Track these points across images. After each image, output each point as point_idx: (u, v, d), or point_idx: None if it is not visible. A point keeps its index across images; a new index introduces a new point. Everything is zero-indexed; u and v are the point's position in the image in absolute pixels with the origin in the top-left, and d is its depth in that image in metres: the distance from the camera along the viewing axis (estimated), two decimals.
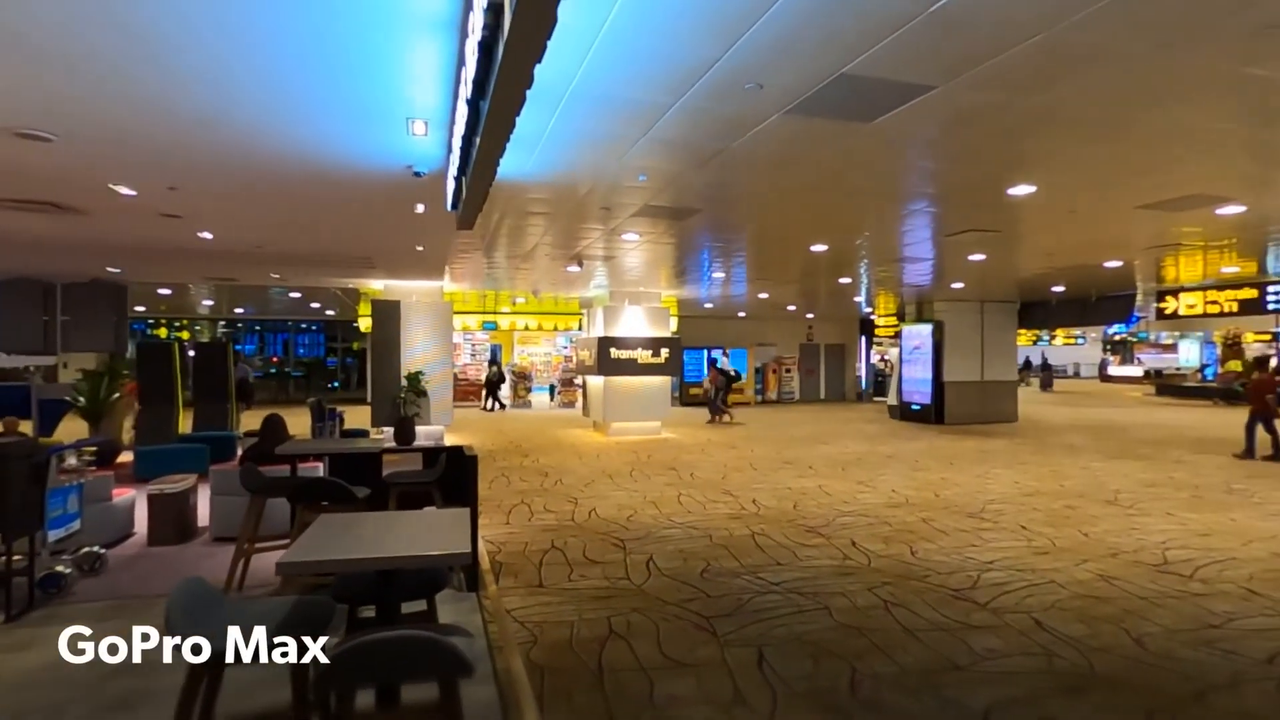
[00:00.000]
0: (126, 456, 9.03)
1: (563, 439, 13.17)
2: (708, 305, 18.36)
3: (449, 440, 11.61)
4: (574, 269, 10.97)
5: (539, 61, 2.41)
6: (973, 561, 5.39)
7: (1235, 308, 12.60)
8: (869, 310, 20.11)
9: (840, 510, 7.13)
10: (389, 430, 11.41)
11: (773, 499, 7.68)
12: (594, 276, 12.32)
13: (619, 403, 13.47)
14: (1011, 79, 3.72)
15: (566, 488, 8.34)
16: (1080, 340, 40.43)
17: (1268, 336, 26.71)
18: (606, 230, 8.14)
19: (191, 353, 12.21)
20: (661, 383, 13.82)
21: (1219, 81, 3.82)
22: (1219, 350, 29.56)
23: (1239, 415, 18.05)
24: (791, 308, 19.51)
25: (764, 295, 15.84)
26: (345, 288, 14.61)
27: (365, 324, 16.00)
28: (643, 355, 13.46)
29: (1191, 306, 13.18)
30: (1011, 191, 6.13)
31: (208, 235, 7.87)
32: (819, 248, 9.37)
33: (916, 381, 16.38)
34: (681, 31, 3.19)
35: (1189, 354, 33.89)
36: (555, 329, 21.47)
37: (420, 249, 8.93)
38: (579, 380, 17.56)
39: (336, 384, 26.17)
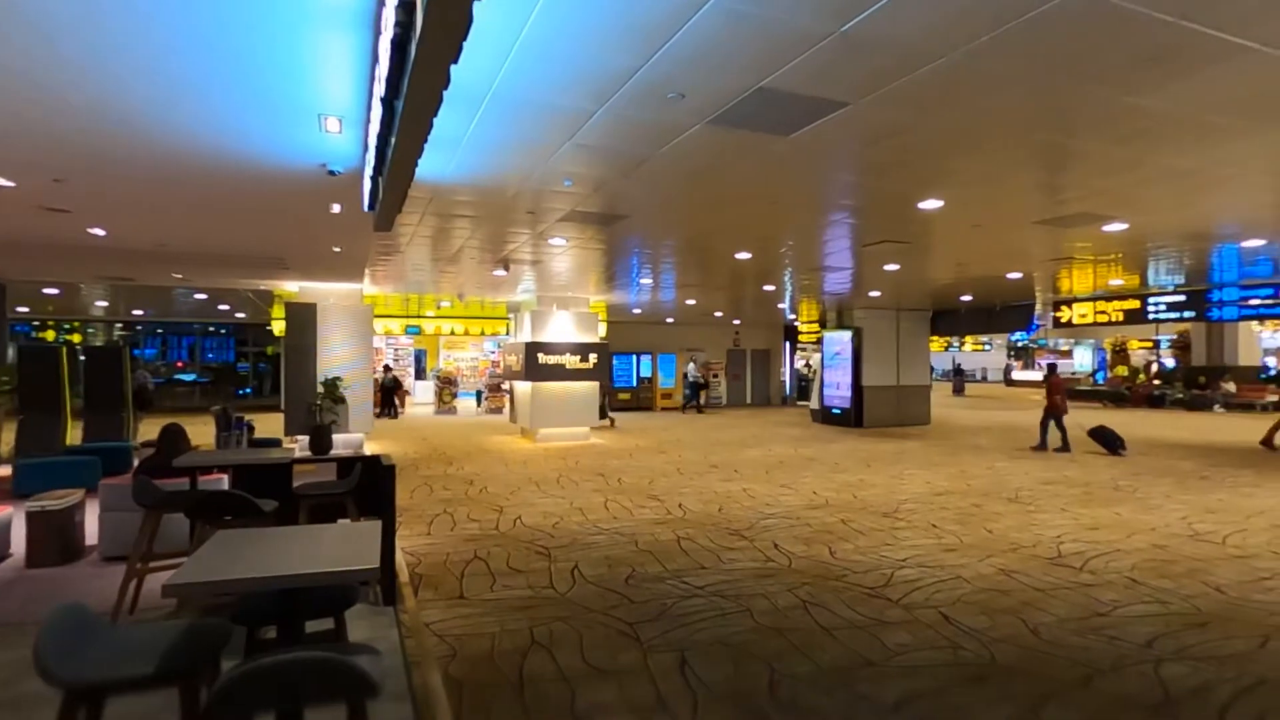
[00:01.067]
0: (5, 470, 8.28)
1: (489, 446, 12.94)
2: (637, 311, 18.45)
3: (369, 449, 11.21)
4: (501, 273, 10.81)
5: (455, 62, 2.36)
6: (887, 560, 5.60)
7: (1121, 317, 13.63)
8: (793, 317, 20.69)
9: (763, 513, 7.28)
10: (304, 439, 10.92)
11: (698, 503, 7.77)
12: (522, 281, 12.17)
13: (547, 408, 13.34)
14: (918, 99, 3.90)
15: (491, 496, 8.19)
16: (987, 346, 42.87)
17: (1149, 343, 29.05)
18: (534, 234, 8.06)
19: (83, 357, 11.32)
20: (590, 388, 13.78)
21: (1103, 109, 4.12)
22: (1109, 356, 31.94)
23: (1126, 415, 19.49)
24: (719, 314, 19.86)
25: (692, 302, 16.05)
26: (257, 289, 13.90)
27: (279, 327, 15.28)
28: (571, 361, 13.38)
29: (1083, 316, 14.17)
30: (922, 205, 6.44)
31: (100, 232, 7.32)
32: (744, 256, 9.57)
33: (837, 386, 16.95)
34: (602, 39, 3.19)
35: (1083, 359, 36.46)
36: (482, 334, 21.09)
37: (338, 250, 8.59)
38: (506, 386, 17.32)
39: (248, 390, 24.85)
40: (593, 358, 13.61)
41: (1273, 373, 23.83)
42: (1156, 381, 25.15)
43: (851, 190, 6.18)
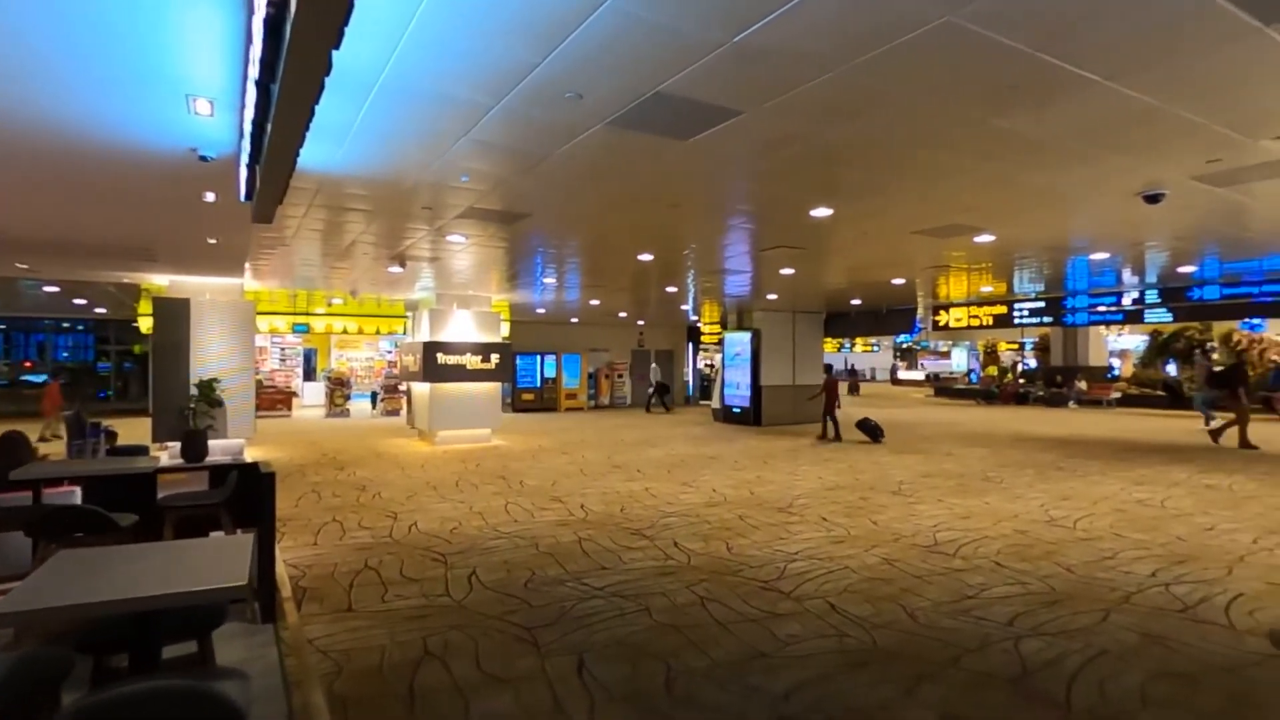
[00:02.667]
0: None
1: (384, 449, 12.41)
2: (541, 311, 18.27)
3: (250, 455, 10.49)
4: (397, 270, 10.40)
5: (336, 47, 2.24)
6: (781, 554, 5.80)
7: (991, 321, 14.80)
8: (696, 318, 21.12)
9: (664, 511, 7.37)
10: (175, 446, 10.06)
11: (600, 504, 7.77)
12: (419, 278, 11.76)
13: (446, 410, 12.96)
14: (807, 111, 4.07)
15: (385, 502, 7.85)
16: (876, 348, 45.45)
17: (1016, 345, 31.72)
18: (431, 231, 7.81)
19: None
20: (492, 389, 13.50)
21: (972, 129, 4.45)
22: (981, 357, 34.62)
23: (996, 412, 21.12)
24: (623, 314, 19.98)
25: (596, 302, 16.07)
26: (120, 283, 12.70)
27: (146, 324, 14.02)
28: (472, 361, 13.06)
29: (959, 320, 15.29)
30: (813, 213, 6.73)
31: None
32: (646, 257, 9.67)
33: (737, 386, 17.45)
34: (498, 33, 3.13)
35: (959, 360, 39.34)
36: (378, 332, 20.21)
37: (213, 242, 7.98)
38: (404, 387, 16.69)
39: (108, 393, 22.65)
40: (495, 358, 13.35)
41: (1117, 373, 26.60)
42: (1021, 380, 27.49)
43: (748, 196, 6.38)
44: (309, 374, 21.94)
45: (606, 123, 4.21)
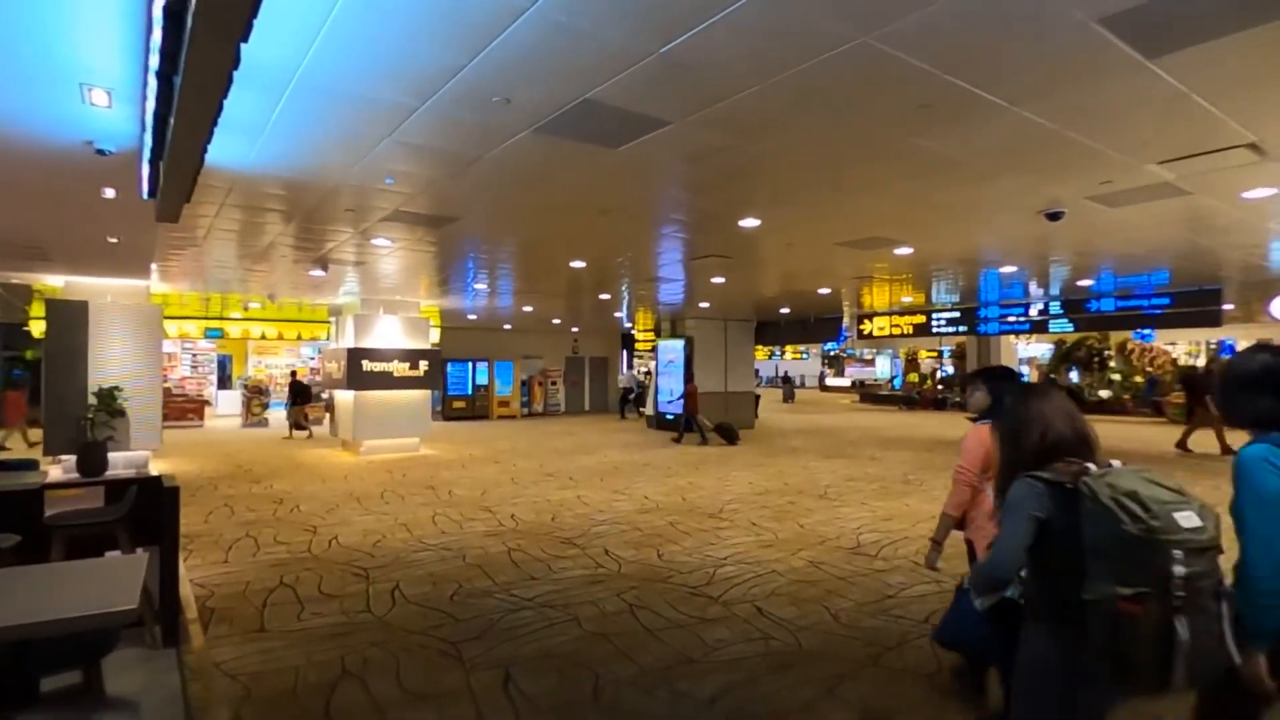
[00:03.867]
0: None
1: (305, 460, 11.90)
2: (472, 317, 17.94)
3: (155, 468, 9.85)
4: (319, 273, 10.00)
5: (244, 40, 2.14)
6: (711, 559, 5.86)
7: (911, 330, 15.43)
8: (630, 325, 21.18)
9: (596, 519, 7.34)
10: (71, 459, 9.34)
11: (532, 513, 7.67)
12: (344, 282, 11.35)
13: (372, 419, 12.54)
14: (735, 124, 4.15)
15: (304, 515, 7.52)
16: (805, 355, 46.71)
17: (935, 353, 33.22)
18: (356, 233, 7.55)
19: None
20: (420, 397, 13.15)
21: (888, 148, 4.64)
22: (903, 364, 36.09)
23: (916, 416, 21.99)
24: (557, 321, 19.85)
25: (529, 308, 15.90)
26: (9, 283, 11.74)
27: (38, 328, 13.00)
28: (399, 368, 12.70)
29: (882, 329, 15.87)
30: (742, 223, 6.87)
31: None
32: (579, 264, 9.64)
33: (671, 393, 17.58)
34: (420, 34, 3.06)
35: (883, 368, 40.88)
36: (299, 338, 19.39)
37: (114, 241, 7.48)
38: (327, 395, 16.05)
39: None
40: (424, 365, 13.02)
41: (1026, 379, 28.18)
42: (940, 387, 28.79)
43: (679, 205, 6.45)
44: (224, 382, 20.84)
45: (535, 128, 4.18)
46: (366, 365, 12.36)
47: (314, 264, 9.41)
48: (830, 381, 42.48)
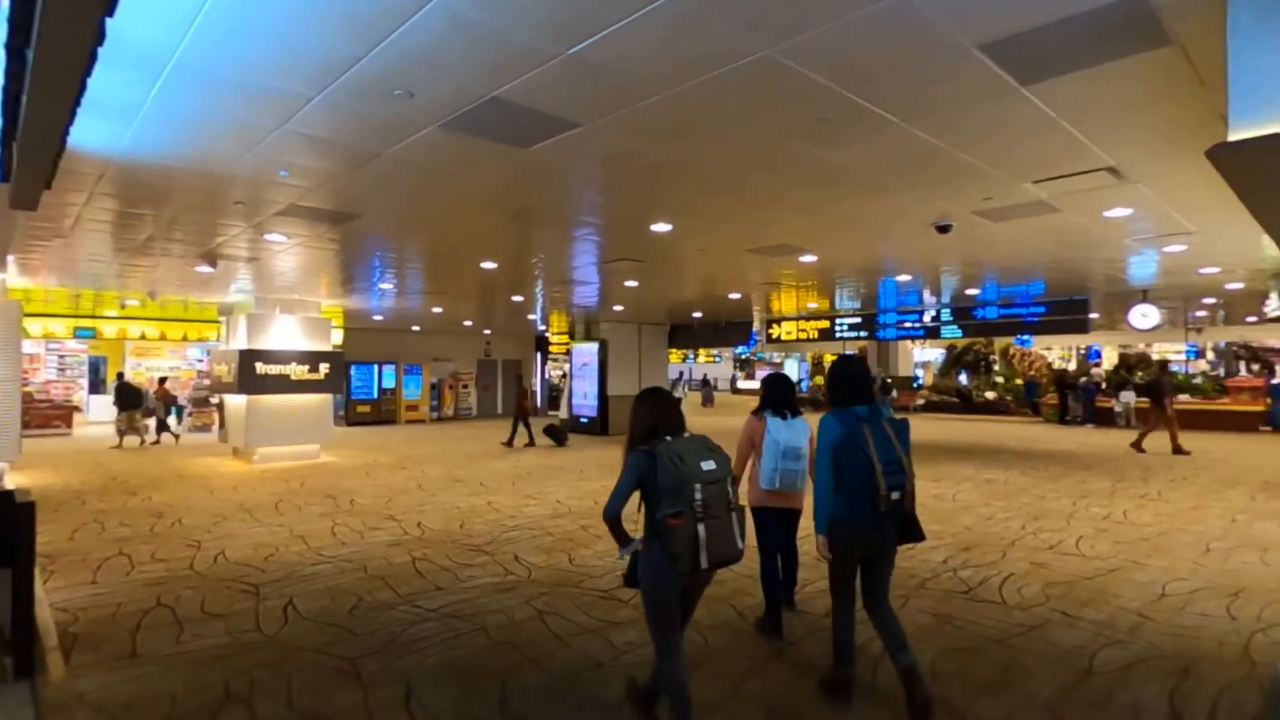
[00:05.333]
0: None
1: (190, 470, 11.08)
2: (378, 318, 17.26)
3: (11, 481, 8.91)
4: (207, 270, 9.35)
5: (108, 14, 1.96)
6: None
7: (816, 335, 16.06)
8: (544, 328, 20.98)
9: (506, 525, 7.21)
10: None
11: (439, 520, 7.44)
12: (235, 279, 10.65)
13: (266, 425, 11.82)
14: (644, 129, 4.19)
15: (187, 530, 6.99)
16: (717, 359, 47.72)
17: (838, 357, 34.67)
18: (248, 228, 7.10)
19: None
20: (320, 401, 12.52)
21: (792, 158, 4.80)
22: (810, 368, 37.50)
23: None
24: (468, 323, 19.40)
25: (439, 310, 15.46)
26: None
27: None
28: (297, 371, 12.04)
29: (789, 333, 16.44)
30: (654, 228, 6.94)
31: None
32: (490, 265, 9.45)
33: (585, 396, 17.53)
34: (312, 21, 2.91)
35: (791, 371, 42.32)
36: (185, 338, 18.05)
37: None
38: (216, 399, 15.01)
39: None
40: (324, 367, 12.40)
41: (921, 382, 29.92)
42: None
43: (592, 208, 6.44)
44: (96, 386, 19.12)
45: (440, 124, 4.06)
46: (260, 368, 11.65)
47: (201, 259, 8.79)
48: (742, 385, 43.58)
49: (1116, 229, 7.05)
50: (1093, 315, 14.30)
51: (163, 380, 15.77)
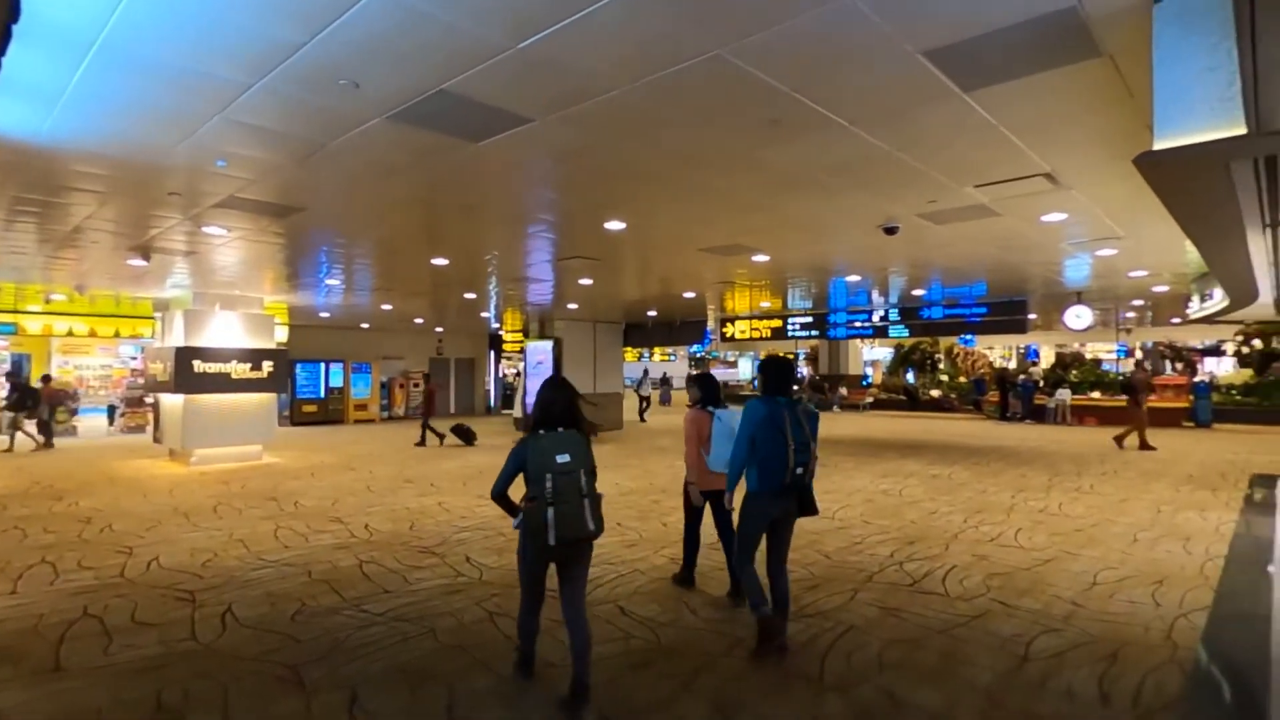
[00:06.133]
0: None
1: (122, 473, 10.58)
2: (325, 314, 16.79)
3: None
4: (140, 263, 8.93)
5: None
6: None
7: (769, 334, 16.28)
8: (498, 326, 20.73)
9: (458, 526, 7.09)
10: None
11: (388, 522, 7.28)
12: (170, 274, 10.21)
13: (205, 425, 11.38)
14: (597, 126, 4.17)
15: (118, 535, 6.67)
16: (672, 357, 47.95)
17: (792, 355, 35.26)
18: (185, 220, 6.81)
19: None
20: (263, 400, 12.11)
21: (743, 158, 4.85)
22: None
23: None
24: (420, 321, 19.04)
25: (388, 307, 15.12)
26: None
27: None
28: (239, 369, 11.62)
29: (743, 332, 16.62)
30: (608, 225, 6.92)
31: None
32: (441, 262, 9.29)
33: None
34: (248, 4, 2.79)
35: (745, 370, 42.84)
36: (117, 335, 17.23)
37: None
38: (151, 399, 14.36)
39: None
40: (267, 366, 12.00)
41: (870, 380, 30.64)
42: (795, 388, 30.60)
43: (545, 204, 6.38)
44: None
45: (388, 116, 3.96)
46: (199, 366, 11.20)
47: (133, 252, 8.39)
48: None
49: (1053, 233, 7.34)
50: (1031, 316, 14.86)
51: (46, 379, 14.77)
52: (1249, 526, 6.93)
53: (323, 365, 19.46)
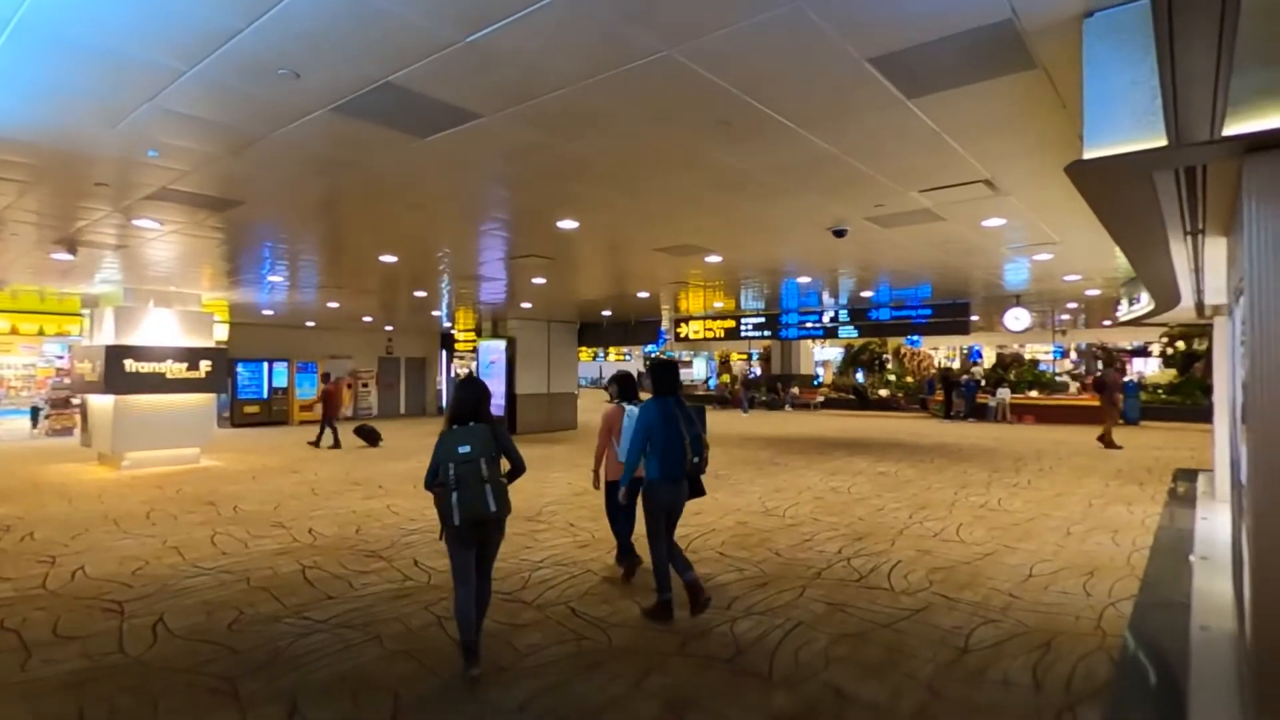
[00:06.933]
0: None
1: (46, 478, 10.03)
2: (269, 312, 16.24)
3: None
4: (65, 257, 8.47)
5: None
6: (527, 563, 5.78)
7: (723, 334, 16.43)
8: (449, 325, 20.39)
9: (406, 529, 6.95)
10: None
11: (333, 526, 7.08)
12: (100, 268, 9.72)
13: (137, 427, 10.88)
14: (548, 123, 4.13)
15: (40, 544, 6.32)
16: (627, 357, 47.95)
17: (745, 356, 35.68)
18: (115, 212, 6.48)
19: None
20: (201, 401, 11.64)
21: (695, 159, 4.87)
22: (717, 366, 38.36)
23: (728, 415, 23.30)
24: (368, 319, 18.59)
25: (335, 304, 14.71)
26: None
27: None
28: (174, 369, 11.14)
29: (697, 332, 16.74)
30: (560, 224, 6.87)
31: None
32: (390, 259, 9.08)
33: (492, 394, 17.16)
34: None
35: (700, 369, 43.16)
36: (41, 333, 16.32)
37: None
38: (79, 400, 13.65)
39: None
40: (205, 365, 11.54)
41: (820, 380, 31.24)
42: (747, 387, 30.95)
43: (497, 202, 6.30)
44: None
45: (331, 109, 3.85)
46: (131, 365, 10.70)
47: (59, 245, 7.96)
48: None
49: (993, 237, 7.60)
50: (973, 318, 15.38)
51: None
52: (1172, 518, 7.30)
53: (266, 364, 18.83)
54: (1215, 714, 3.20)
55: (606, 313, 16.81)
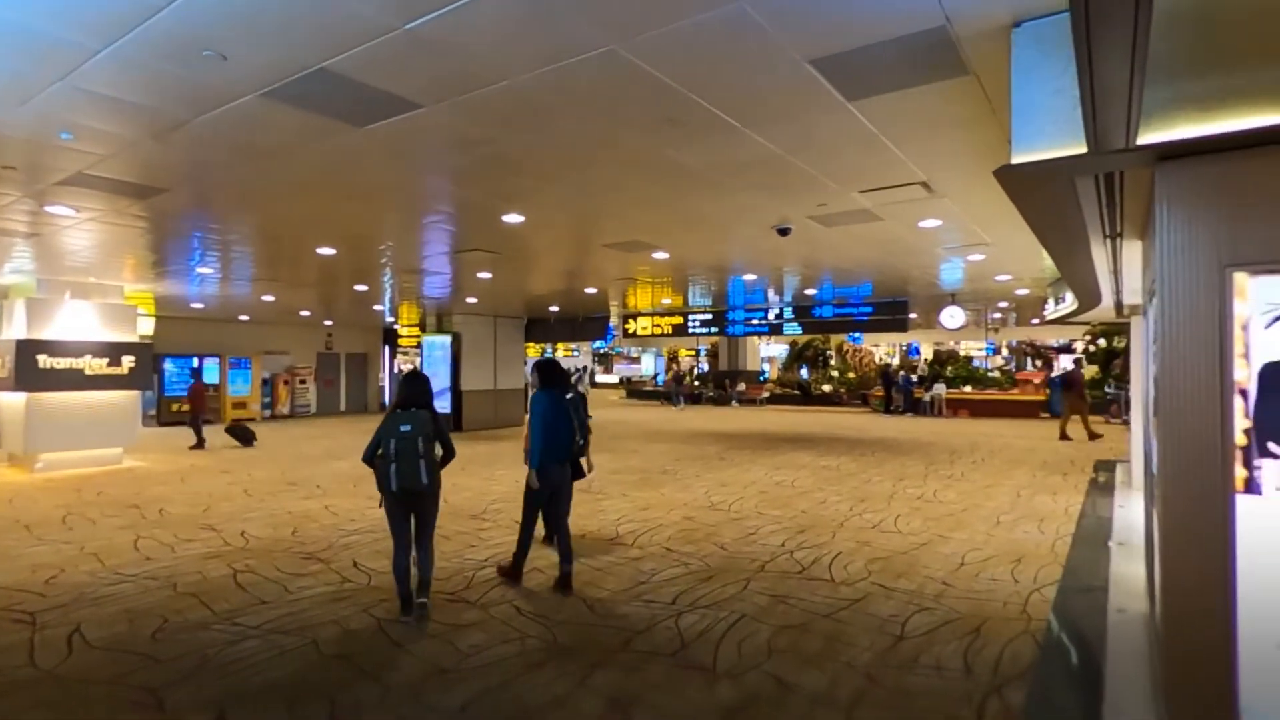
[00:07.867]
0: None
1: None
2: (198, 305, 15.52)
3: None
4: None
5: None
6: (470, 562, 5.70)
7: (671, 330, 16.52)
8: (392, 320, 19.90)
9: (345, 530, 6.75)
10: None
11: (267, 528, 6.82)
12: (9, 258, 9.11)
13: (53, 427, 10.25)
14: (492, 115, 4.05)
15: None
16: (575, 353, 47.74)
17: (693, 352, 35.99)
18: (25, 197, 6.08)
19: None
20: (123, 399, 11.05)
21: (642, 155, 4.87)
22: (666, 362, 38.57)
23: (677, 411, 23.46)
24: (306, 313, 17.97)
25: (270, 298, 14.16)
26: None
27: None
28: (94, 365, 10.54)
29: (645, 328, 16.79)
30: (505, 218, 6.77)
31: None
32: (328, 251, 8.79)
33: (437, 391, 16.84)
34: None
35: (648, 365, 43.31)
36: None
37: None
38: None
39: None
40: (128, 361, 10.95)
41: (767, 375, 31.76)
42: (697, 383, 31.25)
43: (439, 195, 6.16)
44: None
45: (261, 94, 3.68)
46: (45, 361, 10.07)
47: None
48: (600, 379, 43.94)
49: (930, 238, 7.85)
50: (912, 315, 15.87)
51: None
52: (1093, 507, 7.70)
53: (195, 360, 18.01)
54: (1129, 690, 3.39)
55: (554, 309, 16.69)
